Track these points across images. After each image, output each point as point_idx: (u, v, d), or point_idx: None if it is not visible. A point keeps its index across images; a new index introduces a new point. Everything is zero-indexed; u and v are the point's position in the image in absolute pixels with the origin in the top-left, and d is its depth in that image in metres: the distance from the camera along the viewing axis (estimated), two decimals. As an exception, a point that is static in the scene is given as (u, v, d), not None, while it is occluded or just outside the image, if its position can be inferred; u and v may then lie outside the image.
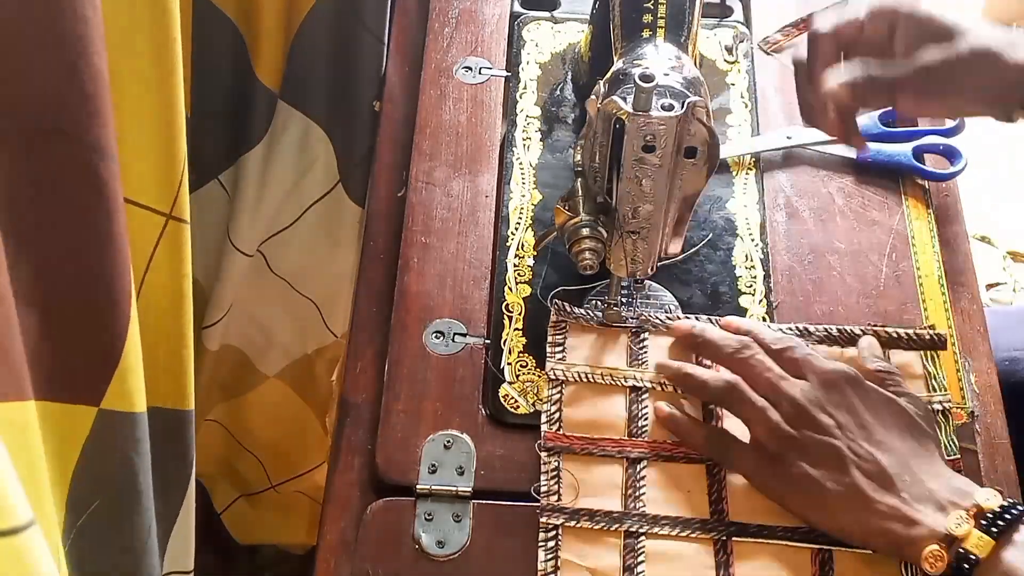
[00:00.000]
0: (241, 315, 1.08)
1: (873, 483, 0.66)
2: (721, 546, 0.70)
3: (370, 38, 0.93)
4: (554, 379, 0.76)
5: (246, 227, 1.00)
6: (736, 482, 0.72)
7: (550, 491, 0.72)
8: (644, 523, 0.71)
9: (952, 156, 0.88)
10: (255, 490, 1.26)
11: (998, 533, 0.61)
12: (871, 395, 0.70)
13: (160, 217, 0.61)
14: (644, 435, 0.74)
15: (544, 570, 0.69)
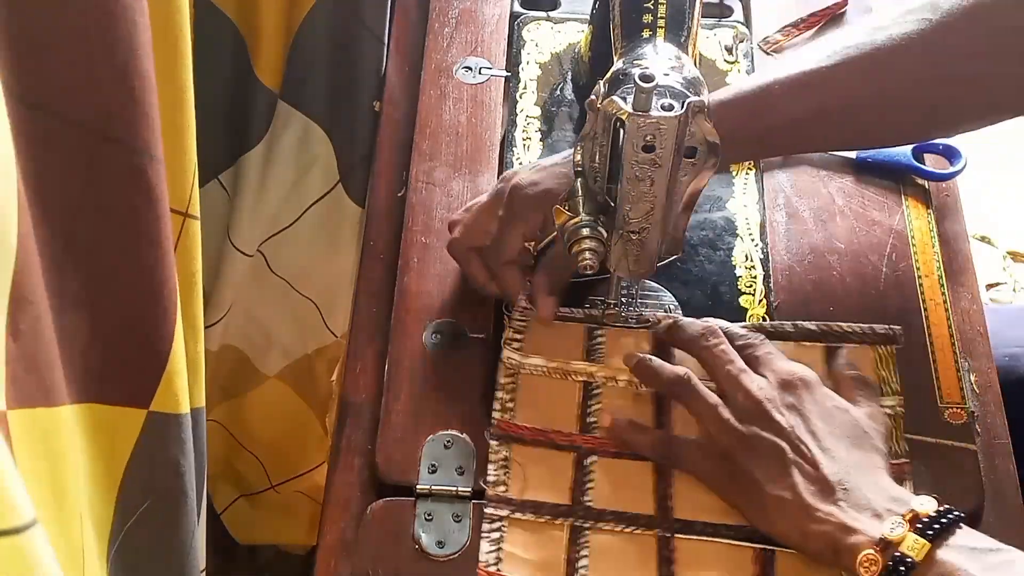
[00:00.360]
0: (241, 315, 1.08)
1: (813, 488, 0.66)
2: (664, 543, 0.70)
3: (370, 38, 0.93)
4: (509, 368, 0.76)
5: (246, 227, 1.00)
6: (683, 480, 0.72)
7: (498, 481, 0.72)
8: (589, 517, 0.71)
9: (952, 156, 0.88)
10: (255, 490, 1.26)
11: (933, 536, 0.61)
12: (826, 401, 0.70)
13: (179, 217, 0.61)
14: (595, 430, 0.74)
15: (487, 562, 0.69)
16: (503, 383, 0.76)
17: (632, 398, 0.76)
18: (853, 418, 0.70)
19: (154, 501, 0.61)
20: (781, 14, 0.98)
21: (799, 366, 0.72)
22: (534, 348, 0.77)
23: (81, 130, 0.49)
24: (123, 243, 0.53)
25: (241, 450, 1.23)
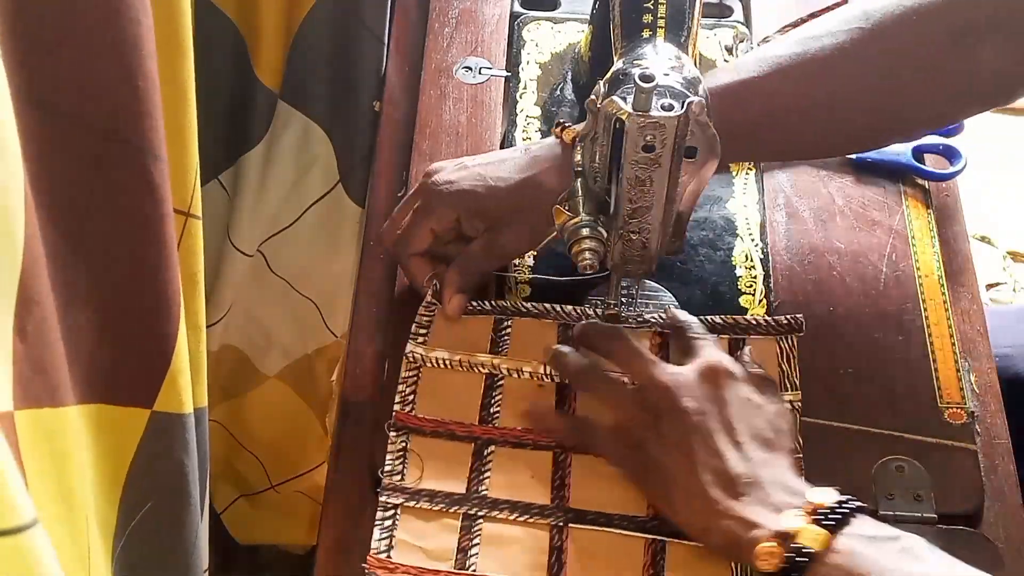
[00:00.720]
0: (241, 315, 1.08)
1: (717, 481, 0.66)
2: (557, 532, 0.70)
3: (370, 38, 0.93)
4: (412, 361, 0.77)
5: (246, 227, 1.00)
6: (579, 470, 0.73)
7: (393, 471, 0.73)
8: (483, 506, 0.71)
9: (952, 156, 0.89)
10: (255, 490, 1.26)
11: (832, 526, 0.61)
12: (743, 394, 0.70)
13: (181, 216, 0.61)
14: (495, 421, 0.75)
15: (378, 548, 0.70)
16: (404, 376, 0.76)
17: (535, 389, 0.76)
18: (766, 414, 0.70)
19: (157, 501, 0.61)
20: (781, 14, 0.98)
21: (725, 357, 0.71)
22: (439, 341, 0.78)
23: (88, 130, 0.49)
24: (129, 243, 0.53)
25: (241, 450, 1.23)
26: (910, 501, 0.72)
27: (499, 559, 0.69)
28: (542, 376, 0.76)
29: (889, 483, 0.73)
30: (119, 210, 0.52)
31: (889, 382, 0.78)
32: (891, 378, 0.78)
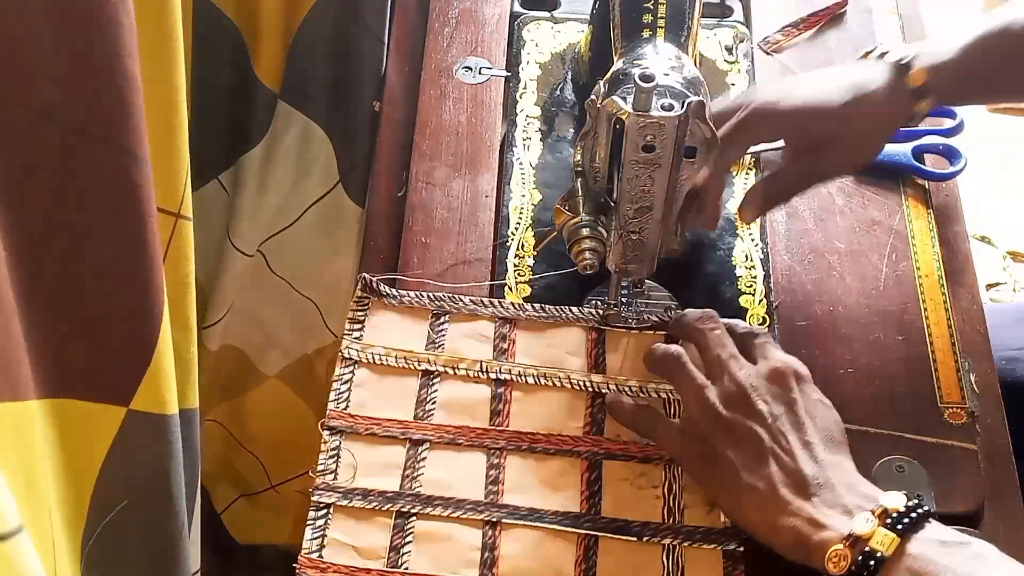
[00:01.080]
0: (241, 315, 1.08)
1: (788, 481, 0.66)
2: (490, 527, 0.70)
3: (370, 38, 0.93)
4: (347, 359, 0.77)
5: (246, 227, 1.00)
6: (513, 465, 0.73)
7: (326, 470, 0.73)
8: (417, 503, 0.71)
9: (952, 156, 0.88)
10: (255, 490, 1.26)
11: (903, 530, 0.61)
12: (813, 395, 0.70)
13: (171, 217, 0.61)
14: (431, 418, 0.75)
15: (309, 548, 0.70)
16: (338, 374, 0.76)
17: (472, 388, 0.76)
18: (834, 416, 0.70)
19: (133, 500, 0.61)
20: (781, 14, 0.98)
21: (792, 358, 0.71)
22: (375, 337, 0.78)
23: (60, 127, 0.49)
24: (104, 242, 0.53)
25: (241, 450, 1.22)
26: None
27: (432, 556, 0.69)
28: (478, 373, 0.76)
29: (889, 483, 0.73)
30: (94, 209, 0.52)
31: (889, 382, 0.78)
32: (891, 378, 0.78)
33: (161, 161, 0.60)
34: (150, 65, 0.57)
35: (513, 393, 0.76)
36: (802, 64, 0.95)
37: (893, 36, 0.97)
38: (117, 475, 0.59)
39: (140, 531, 0.62)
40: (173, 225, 0.61)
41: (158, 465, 0.61)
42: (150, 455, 0.61)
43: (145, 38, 0.56)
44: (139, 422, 0.58)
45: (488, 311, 0.79)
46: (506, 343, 0.78)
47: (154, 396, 0.58)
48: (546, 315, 0.79)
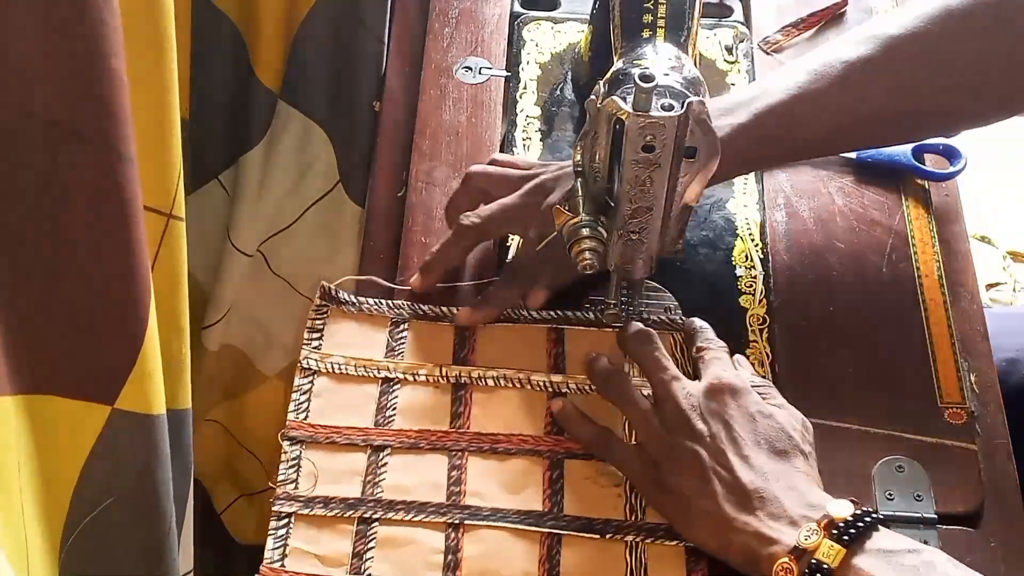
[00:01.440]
0: (241, 315, 1.08)
1: (731, 498, 0.66)
2: (453, 529, 0.70)
3: (370, 38, 0.93)
4: (306, 369, 0.77)
5: (246, 227, 1.00)
6: (475, 467, 0.73)
7: (287, 479, 0.73)
8: (379, 508, 0.71)
9: (952, 156, 0.88)
10: (255, 490, 1.26)
11: (849, 541, 0.61)
12: (751, 407, 0.70)
13: (162, 217, 0.61)
14: (391, 424, 0.75)
15: (271, 558, 0.70)
16: (297, 384, 0.77)
17: (432, 393, 0.76)
18: (778, 423, 0.69)
19: (117, 500, 0.61)
20: (781, 14, 0.98)
21: (731, 373, 0.71)
22: (334, 345, 0.78)
23: (41, 124, 0.49)
24: (87, 241, 0.53)
25: (241, 450, 1.22)
26: (910, 501, 0.72)
27: (395, 561, 0.69)
28: (438, 379, 0.77)
29: (889, 483, 0.73)
30: (78, 207, 0.52)
31: (889, 382, 0.78)
32: (891, 378, 0.78)
33: (152, 161, 0.60)
34: (141, 64, 0.57)
35: (474, 396, 0.76)
36: (802, 64, 0.95)
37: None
38: (100, 474, 0.59)
39: (123, 531, 0.62)
40: (164, 225, 0.61)
41: (143, 465, 0.61)
42: (135, 455, 0.60)
43: (136, 37, 0.56)
44: (124, 421, 0.58)
45: (447, 317, 0.79)
46: (465, 348, 0.78)
47: (140, 396, 0.58)
48: (505, 319, 0.79)
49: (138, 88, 0.57)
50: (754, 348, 0.79)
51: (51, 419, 0.55)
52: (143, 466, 0.61)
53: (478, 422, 0.75)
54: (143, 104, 0.58)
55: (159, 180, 0.60)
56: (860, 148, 0.86)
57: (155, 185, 0.60)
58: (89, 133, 0.50)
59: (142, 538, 0.63)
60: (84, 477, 0.58)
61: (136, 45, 0.56)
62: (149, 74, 0.57)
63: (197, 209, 1.00)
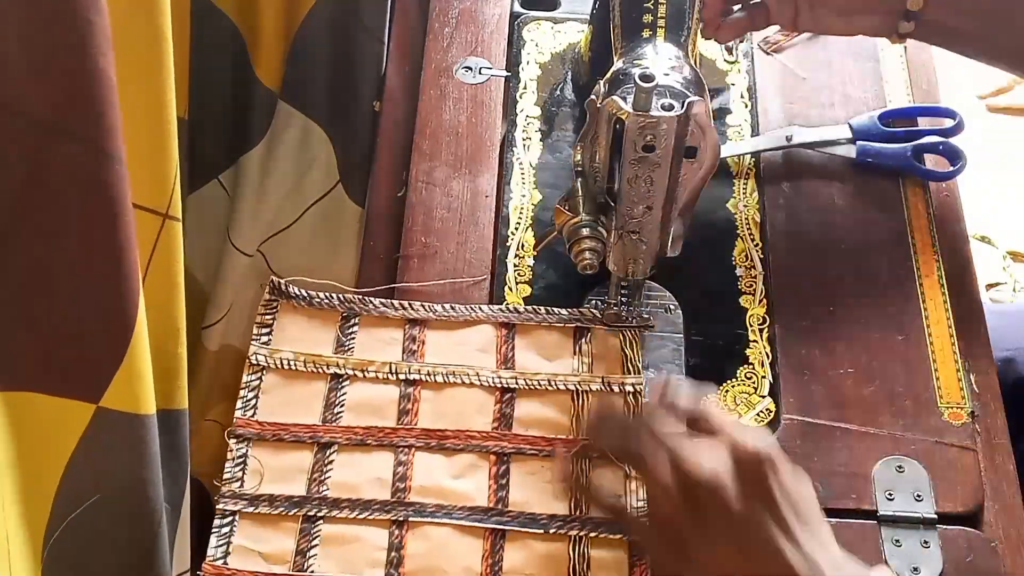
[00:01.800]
0: (241, 315, 1.08)
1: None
2: (397, 527, 0.70)
3: (370, 38, 0.93)
4: (255, 364, 0.77)
5: (246, 227, 1.00)
6: (421, 463, 0.73)
7: (233, 478, 0.73)
8: (324, 506, 0.71)
9: (952, 156, 0.88)
10: (255, 490, 1.26)
11: None
12: (786, 481, 0.63)
13: (158, 217, 0.61)
14: (339, 420, 0.75)
15: (214, 556, 0.70)
16: (246, 381, 0.77)
17: (380, 389, 0.76)
18: (809, 493, 0.64)
19: (102, 498, 0.60)
20: (781, 14, 0.98)
21: (756, 440, 0.63)
22: (284, 341, 0.78)
23: (27, 122, 0.49)
24: (74, 239, 0.53)
25: (241, 450, 1.22)
26: (910, 501, 0.72)
27: (339, 558, 0.69)
28: (387, 375, 0.76)
29: (889, 483, 0.73)
30: (64, 205, 0.52)
31: (889, 382, 0.78)
32: (891, 378, 0.78)
33: (148, 161, 0.59)
34: (138, 64, 0.56)
35: (422, 392, 0.76)
36: (802, 64, 0.95)
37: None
38: (85, 472, 0.59)
39: (108, 531, 0.62)
40: (160, 225, 0.61)
41: (128, 464, 0.61)
42: (121, 454, 0.60)
43: (132, 36, 0.56)
44: (110, 420, 0.58)
45: (398, 313, 0.79)
46: (415, 344, 0.78)
47: (128, 395, 0.58)
48: (456, 314, 0.79)
49: (134, 88, 0.57)
50: (754, 348, 0.79)
51: (33, 416, 0.55)
52: (129, 466, 0.61)
53: (426, 419, 0.75)
54: (139, 104, 0.58)
55: (155, 180, 0.60)
56: None
57: (151, 185, 0.60)
58: (76, 132, 0.50)
59: (128, 538, 0.63)
60: (67, 476, 0.58)
61: (133, 44, 0.56)
62: (146, 73, 0.57)
63: (197, 209, 1.00)
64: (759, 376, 0.78)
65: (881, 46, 0.96)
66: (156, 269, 0.63)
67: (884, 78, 0.94)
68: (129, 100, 0.58)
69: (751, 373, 0.78)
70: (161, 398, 0.68)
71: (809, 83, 0.94)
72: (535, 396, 0.76)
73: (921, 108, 0.92)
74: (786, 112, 0.92)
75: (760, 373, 0.78)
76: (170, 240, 0.62)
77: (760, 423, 0.76)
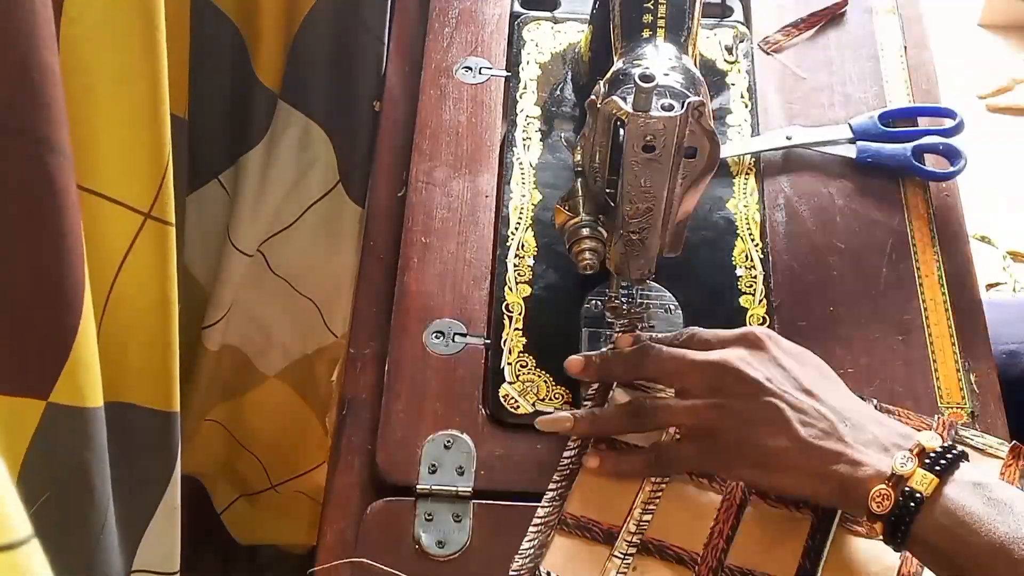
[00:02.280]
0: (241, 315, 1.08)
1: (815, 431, 0.65)
2: None
3: (370, 38, 0.93)
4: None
5: (246, 227, 1.00)
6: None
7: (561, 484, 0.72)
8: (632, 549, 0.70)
9: (952, 156, 0.88)
10: (255, 490, 1.26)
11: (941, 471, 0.61)
12: (786, 346, 0.69)
13: (136, 215, 0.60)
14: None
15: (520, 562, 0.69)
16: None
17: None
18: (819, 360, 0.69)
19: (53, 495, 0.60)
20: (781, 14, 0.98)
21: (745, 328, 0.70)
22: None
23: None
24: (14, 232, 0.52)
25: (241, 450, 1.23)
26: (910, 501, 0.72)
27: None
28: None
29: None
30: (4, 198, 0.51)
31: (889, 382, 0.78)
32: (891, 378, 0.78)
33: (133, 158, 0.58)
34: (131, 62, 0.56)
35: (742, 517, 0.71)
36: (802, 64, 0.95)
37: (893, 36, 0.97)
38: (39, 471, 0.58)
39: (59, 527, 0.61)
40: (141, 224, 0.60)
41: (78, 459, 0.60)
42: (70, 449, 0.59)
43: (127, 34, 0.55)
44: (59, 415, 0.57)
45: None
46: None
47: (75, 389, 0.57)
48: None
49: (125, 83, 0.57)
50: (754, 348, 0.79)
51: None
52: (79, 460, 0.60)
53: None
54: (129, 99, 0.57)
55: (136, 177, 0.59)
56: None
57: (131, 181, 0.59)
58: (19, 125, 0.50)
59: (76, 534, 0.62)
60: (23, 476, 0.58)
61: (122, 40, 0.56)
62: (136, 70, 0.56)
63: (197, 209, 1.00)
64: (759, 376, 0.78)
65: (881, 46, 0.96)
66: (135, 268, 0.62)
67: (884, 78, 0.94)
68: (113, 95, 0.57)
69: (751, 373, 0.78)
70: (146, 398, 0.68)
71: (809, 83, 0.94)
72: None
73: (921, 108, 0.92)
74: (786, 112, 0.92)
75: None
76: (156, 242, 0.61)
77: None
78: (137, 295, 0.63)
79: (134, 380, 0.68)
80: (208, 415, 1.17)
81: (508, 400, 0.77)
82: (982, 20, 2.05)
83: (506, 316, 0.80)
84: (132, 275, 0.62)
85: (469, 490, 0.73)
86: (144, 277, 0.63)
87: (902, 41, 0.96)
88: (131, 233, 0.61)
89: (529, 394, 0.77)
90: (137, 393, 0.68)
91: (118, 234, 0.61)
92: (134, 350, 0.66)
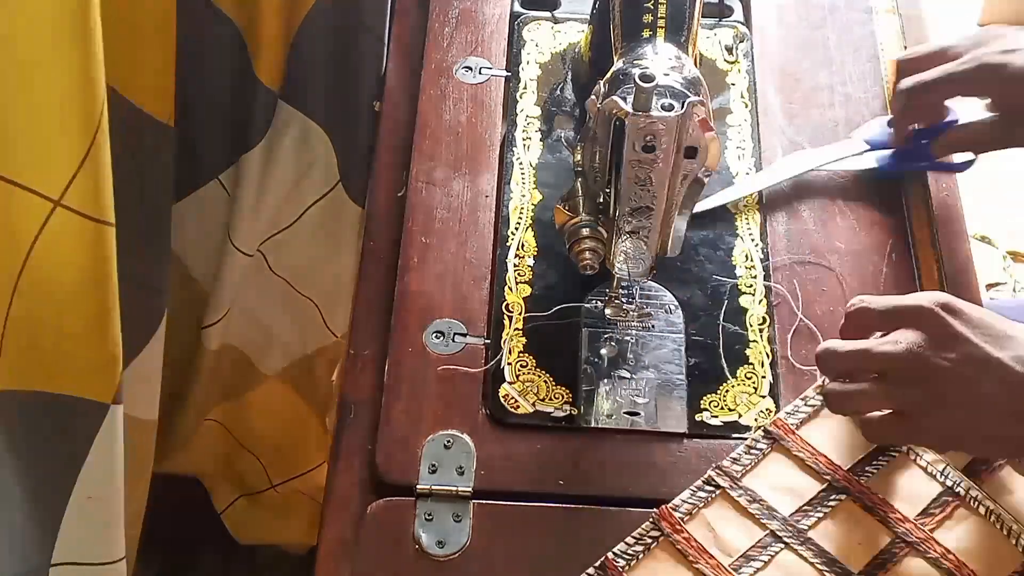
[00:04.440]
0: (241, 315, 1.08)
1: (1007, 388, 0.65)
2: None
3: (370, 38, 0.93)
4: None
5: (246, 227, 1.00)
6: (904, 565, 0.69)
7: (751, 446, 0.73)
8: (794, 536, 0.69)
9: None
10: (255, 490, 1.26)
11: None
12: (968, 311, 0.68)
13: (44, 201, 0.58)
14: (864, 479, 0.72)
15: (677, 506, 0.70)
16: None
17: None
18: (991, 315, 0.68)
19: None
20: (781, 14, 0.98)
21: (919, 298, 0.68)
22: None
23: None
24: None
25: (241, 450, 1.23)
26: (910, 501, 0.72)
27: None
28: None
29: (889, 483, 0.73)
30: None
31: (889, 382, 0.78)
32: (891, 378, 0.78)
33: (41, 143, 0.57)
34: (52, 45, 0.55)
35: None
36: (802, 64, 0.95)
37: (893, 36, 0.97)
38: None
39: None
40: (50, 211, 0.58)
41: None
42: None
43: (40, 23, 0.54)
44: None
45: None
46: None
47: None
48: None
49: (38, 66, 0.55)
50: (754, 348, 0.79)
51: None
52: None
53: None
54: (42, 81, 0.56)
55: (46, 160, 0.57)
56: None
57: (38, 162, 0.57)
58: None
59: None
60: None
61: (38, 33, 0.54)
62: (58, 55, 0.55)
63: (197, 209, 1.00)
64: (759, 376, 0.78)
65: (881, 46, 0.96)
66: (49, 258, 0.60)
67: (884, 78, 0.94)
68: (22, 75, 0.55)
69: (751, 373, 0.78)
70: (62, 384, 0.67)
71: (809, 83, 0.94)
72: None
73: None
74: (786, 112, 0.92)
75: (760, 373, 0.78)
76: (76, 233, 0.59)
77: (760, 423, 0.76)
78: (52, 285, 0.62)
79: (52, 369, 0.66)
80: (208, 415, 1.17)
81: (508, 400, 0.77)
82: (982, 20, 2.05)
83: (506, 316, 0.80)
84: (44, 264, 0.61)
85: (469, 490, 0.73)
86: (58, 267, 0.61)
87: (902, 41, 0.96)
88: (39, 220, 0.59)
89: (529, 394, 0.77)
90: (55, 382, 0.66)
91: (23, 220, 0.59)
92: (50, 339, 0.65)
